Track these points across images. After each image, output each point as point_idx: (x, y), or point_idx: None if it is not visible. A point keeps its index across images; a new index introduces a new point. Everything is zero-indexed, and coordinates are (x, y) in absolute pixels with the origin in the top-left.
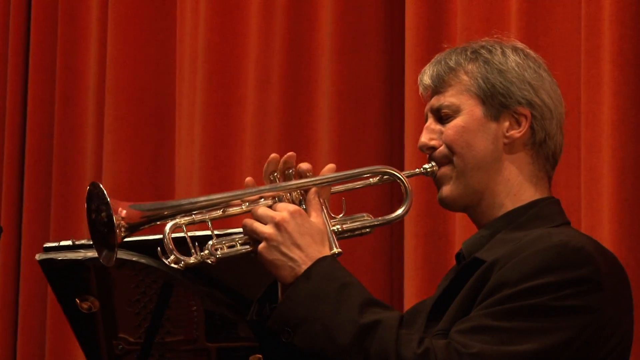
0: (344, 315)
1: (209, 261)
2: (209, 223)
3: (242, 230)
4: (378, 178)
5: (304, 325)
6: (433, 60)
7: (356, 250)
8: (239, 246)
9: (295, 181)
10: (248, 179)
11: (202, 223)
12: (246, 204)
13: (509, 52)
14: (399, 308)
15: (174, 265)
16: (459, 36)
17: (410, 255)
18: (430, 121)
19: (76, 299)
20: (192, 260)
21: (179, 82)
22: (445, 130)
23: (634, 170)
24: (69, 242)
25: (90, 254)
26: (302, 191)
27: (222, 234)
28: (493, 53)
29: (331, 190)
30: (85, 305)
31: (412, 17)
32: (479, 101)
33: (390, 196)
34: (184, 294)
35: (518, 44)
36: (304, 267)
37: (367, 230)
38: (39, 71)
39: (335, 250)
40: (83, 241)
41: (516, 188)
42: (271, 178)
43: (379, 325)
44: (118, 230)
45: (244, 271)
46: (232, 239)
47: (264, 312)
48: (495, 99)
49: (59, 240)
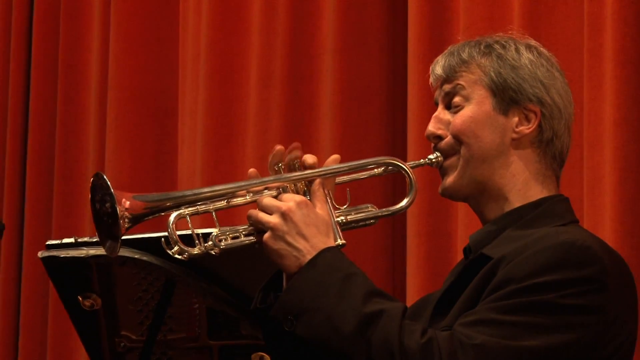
0: (347, 305)
1: (213, 252)
2: (213, 214)
3: (247, 220)
4: (382, 169)
5: (307, 315)
6: (446, 51)
7: (359, 247)
8: (242, 237)
9: (300, 172)
10: (251, 170)
11: (206, 214)
12: (251, 194)
13: (522, 49)
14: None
15: (178, 256)
16: (462, 34)
17: (412, 253)
18: (439, 109)
19: (78, 297)
20: (196, 251)
21: (181, 80)
22: (454, 120)
23: (636, 168)
24: (71, 240)
25: (92, 251)
26: (307, 182)
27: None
28: (507, 49)
29: (336, 181)
30: (87, 303)
31: (415, 15)
32: (490, 93)
33: (393, 188)
34: (186, 292)
35: (532, 41)
36: (309, 257)
37: (372, 221)
38: (41, 69)
39: (339, 241)
40: (85, 239)
41: (521, 184)
42: (275, 169)
43: (382, 314)
44: (122, 221)
45: (247, 268)
46: (236, 229)
47: (268, 301)
48: (506, 94)
49: (61, 238)
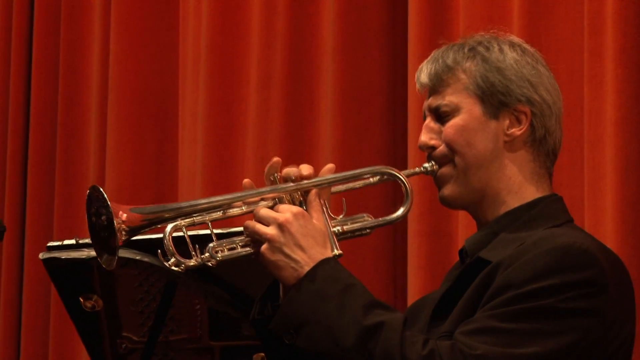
0: (347, 317)
1: (210, 264)
2: (209, 225)
3: (244, 232)
4: (378, 178)
5: (307, 327)
6: (430, 57)
7: (360, 248)
8: (239, 248)
9: (296, 182)
10: (246, 180)
11: (203, 224)
12: (247, 205)
13: (506, 49)
14: (403, 306)
15: (174, 268)
16: (462, 34)
17: (413, 253)
18: (429, 120)
19: (80, 298)
20: (193, 262)
21: (181, 81)
22: (445, 129)
23: (638, 168)
24: (73, 241)
25: (93, 253)
26: (303, 192)
27: (224, 233)
28: (490, 50)
29: (332, 190)
30: (88, 304)
31: (415, 15)
32: (478, 100)
33: (394, 193)
34: (188, 293)
35: (515, 39)
36: (307, 269)
37: (367, 231)
38: (41, 70)
39: (336, 251)
40: (86, 240)
41: (517, 186)
42: (271, 179)
43: (383, 327)
44: (119, 234)
45: (248, 270)
46: (233, 241)
47: (265, 311)
48: (495, 98)
49: (62, 239)
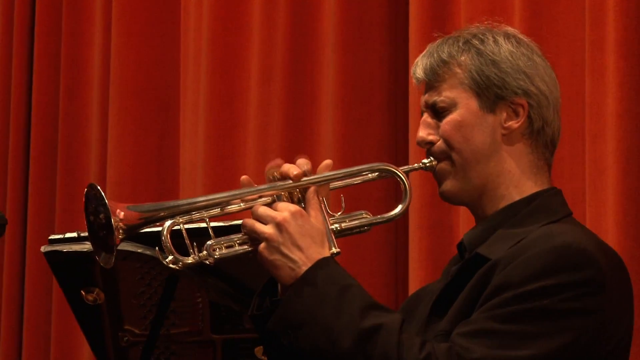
0: (345, 319)
1: (207, 262)
2: (207, 222)
3: (242, 230)
4: (377, 174)
5: (305, 328)
6: (425, 51)
7: (362, 241)
8: (237, 246)
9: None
10: (244, 177)
11: (201, 221)
12: (245, 203)
13: (501, 41)
14: (404, 297)
15: (172, 266)
16: (463, 27)
17: (414, 246)
18: (426, 116)
19: (81, 291)
20: (190, 260)
21: (183, 74)
22: (442, 125)
23: (639, 160)
24: (74, 234)
25: None
26: (301, 190)
27: (224, 226)
28: (485, 43)
29: (330, 187)
30: (90, 297)
31: (416, 8)
32: (474, 94)
33: (395, 187)
34: (189, 286)
35: (509, 29)
36: (304, 269)
37: (366, 228)
38: (43, 64)
39: (334, 250)
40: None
41: (517, 179)
42: (270, 177)
43: (380, 329)
44: (116, 232)
45: (249, 263)
46: (231, 239)
47: (264, 306)
48: (491, 91)
49: (64, 233)
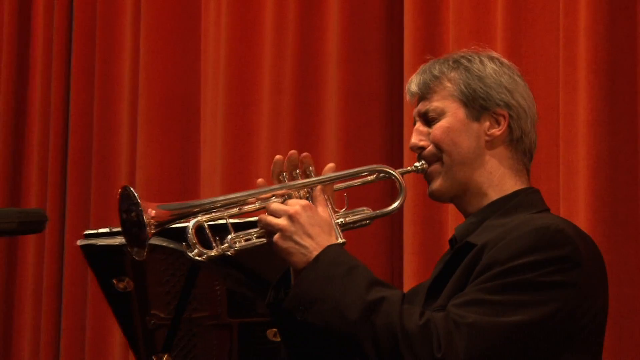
0: (352, 294)
1: (229, 253)
2: (227, 220)
3: (258, 224)
4: (375, 175)
5: (317, 304)
6: (419, 70)
7: (362, 235)
8: (254, 239)
9: (302, 180)
10: (260, 180)
11: (221, 219)
12: (260, 202)
13: (486, 61)
14: (399, 286)
15: (198, 258)
16: (452, 47)
17: (408, 240)
18: (419, 124)
19: (113, 280)
20: (214, 252)
21: (203, 87)
22: (433, 131)
23: (607, 164)
24: (107, 230)
25: None
26: (309, 189)
27: (241, 222)
28: (472, 62)
29: (334, 187)
30: (121, 285)
31: (410, 29)
32: (462, 104)
33: (392, 190)
34: (209, 275)
35: (493, 53)
36: (315, 253)
37: (367, 222)
38: (80, 78)
39: (340, 240)
40: (119, 228)
41: (497, 179)
42: (280, 178)
43: (384, 301)
44: (148, 229)
45: (262, 254)
46: (249, 232)
47: (279, 296)
48: (477, 102)
49: (98, 228)
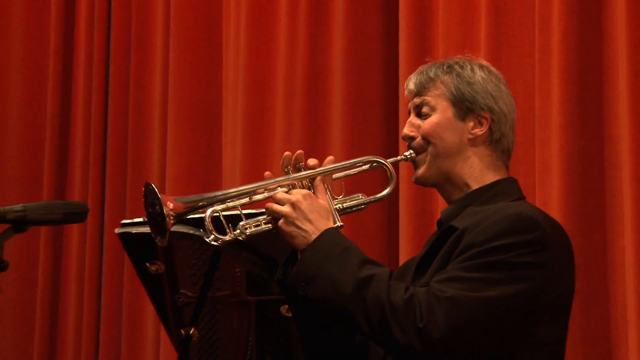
0: (346, 272)
1: (241, 238)
2: (239, 209)
3: (265, 212)
4: (369, 165)
5: (316, 281)
6: (417, 70)
7: (364, 224)
8: (263, 225)
9: (304, 172)
10: (267, 173)
11: (234, 209)
12: (267, 192)
13: (476, 69)
14: (395, 267)
15: (214, 243)
16: (441, 57)
17: (404, 227)
18: (412, 116)
19: (146, 263)
20: (228, 238)
21: (224, 95)
22: (423, 125)
23: (578, 162)
24: (141, 219)
25: None
26: (310, 179)
27: (252, 213)
28: (464, 68)
29: (333, 177)
30: (153, 268)
31: (404, 46)
32: (451, 104)
33: (385, 181)
34: (230, 259)
35: (484, 62)
36: (314, 236)
37: (362, 206)
38: (117, 87)
39: (338, 223)
40: None
41: (477, 172)
42: (285, 171)
43: (374, 278)
44: (168, 219)
45: (275, 242)
46: (258, 219)
47: (287, 273)
48: (464, 104)
49: (133, 218)
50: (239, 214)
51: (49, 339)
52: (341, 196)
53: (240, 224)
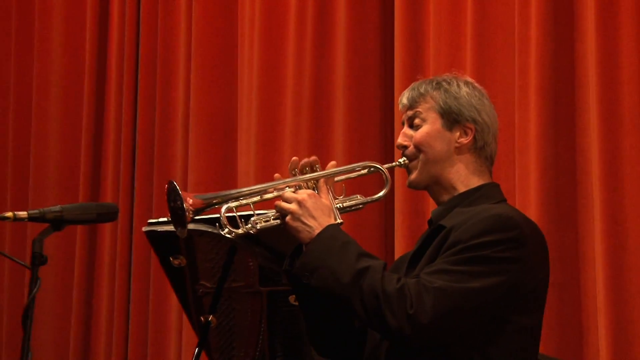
0: (345, 264)
1: (252, 232)
2: (251, 205)
3: (275, 209)
4: (367, 170)
5: (318, 272)
6: (410, 87)
7: (363, 223)
8: (272, 220)
9: (309, 174)
10: (276, 174)
11: (247, 205)
12: (276, 191)
13: (462, 85)
14: (391, 261)
15: (228, 236)
16: (432, 75)
17: (399, 226)
18: (405, 127)
19: (170, 258)
20: (241, 231)
21: (239, 108)
22: (415, 135)
23: (552, 168)
24: (166, 219)
25: None
26: (315, 181)
27: (261, 213)
28: (451, 85)
29: (335, 179)
30: (176, 262)
31: (400, 64)
32: (440, 117)
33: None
34: (244, 254)
35: (469, 79)
36: (317, 231)
37: (361, 206)
38: (144, 102)
39: (338, 220)
40: None
41: (464, 176)
42: (293, 173)
43: (369, 269)
44: (187, 213)
45: (284, 238)
46: (267, 215)
47: (293, 263)
48: (451, 116)
49: (158, 217)
50: (252, 213)
51: (84, 327)
52: (342, 196)
53: (252, 218)
